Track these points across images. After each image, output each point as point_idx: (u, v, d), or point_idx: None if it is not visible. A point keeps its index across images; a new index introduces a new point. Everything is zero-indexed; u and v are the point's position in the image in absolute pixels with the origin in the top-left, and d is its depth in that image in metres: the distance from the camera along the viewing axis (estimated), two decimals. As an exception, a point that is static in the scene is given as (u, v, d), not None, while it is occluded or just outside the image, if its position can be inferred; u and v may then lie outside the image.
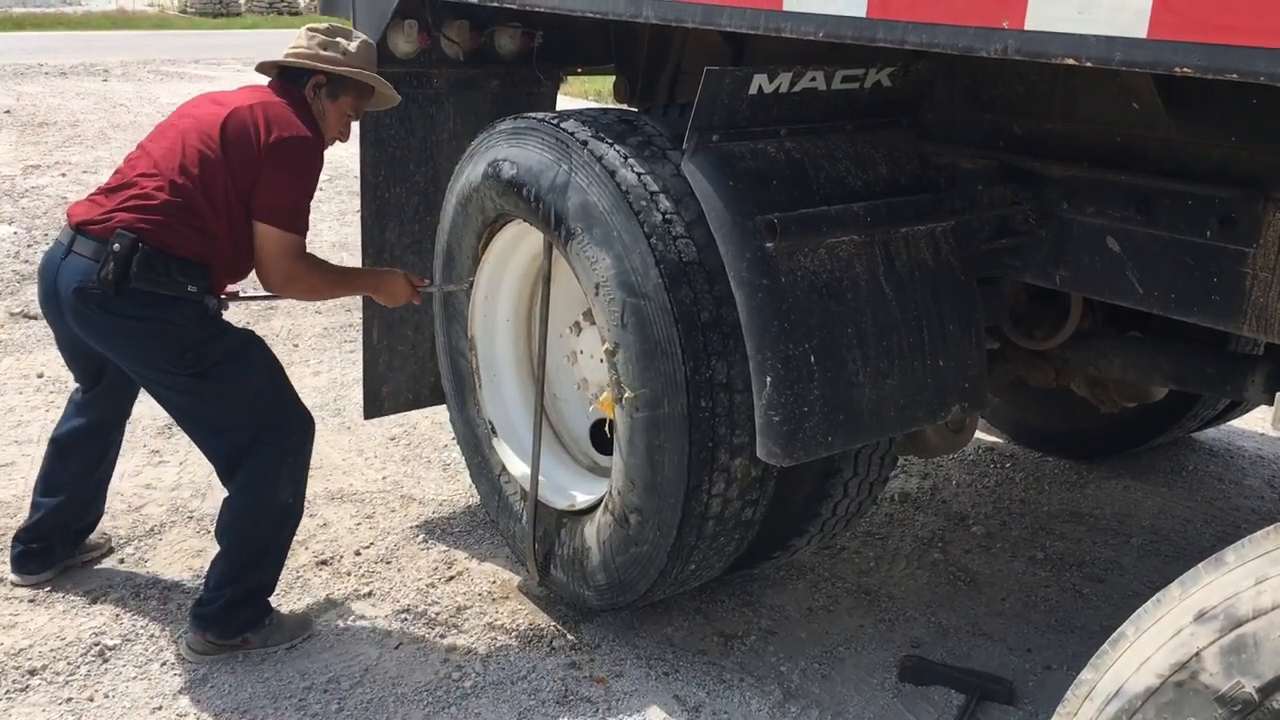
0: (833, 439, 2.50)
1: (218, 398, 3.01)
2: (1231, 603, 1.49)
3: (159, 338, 2.92)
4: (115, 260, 2.83)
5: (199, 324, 2.95)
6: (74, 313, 2.94)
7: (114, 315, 2.90)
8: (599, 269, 2.73)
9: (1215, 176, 2.29)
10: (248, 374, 3.03)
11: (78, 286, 2.88)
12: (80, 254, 2.91)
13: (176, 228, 2.90)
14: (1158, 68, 1.66)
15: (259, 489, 3.05)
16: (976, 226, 2.68)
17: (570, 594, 3.23)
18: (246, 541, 3.08)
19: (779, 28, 2.26)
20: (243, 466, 3.04)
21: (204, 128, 2.97)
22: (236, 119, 2.96)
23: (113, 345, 2.99)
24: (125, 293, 2.85)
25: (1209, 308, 2.29)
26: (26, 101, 12.63)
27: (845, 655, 3.19)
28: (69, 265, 2.92)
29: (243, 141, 2.94)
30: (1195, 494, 4.32)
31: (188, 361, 2.94)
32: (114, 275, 2.83)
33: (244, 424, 3.02)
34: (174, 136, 3.00)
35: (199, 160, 2.92)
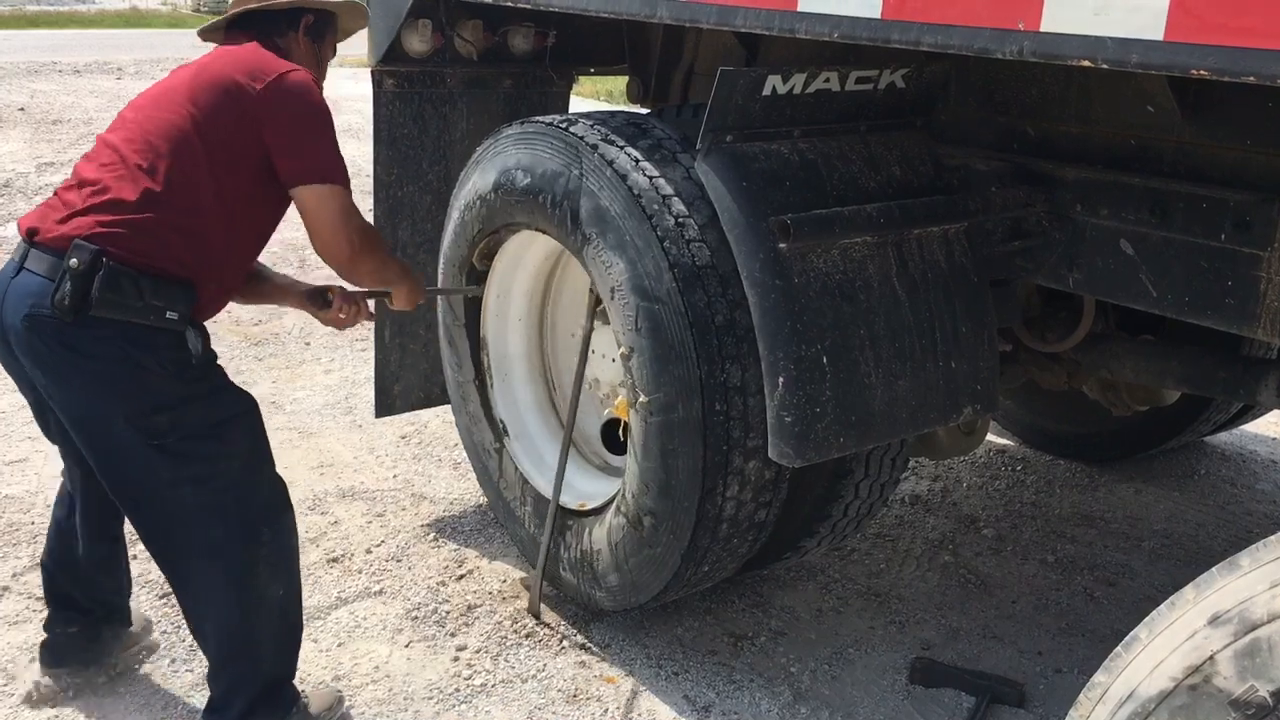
0: (845, 440, 2.50)
1: (175, 482, 2.38)
2: (1246, 606, 1.48)
3: (125, 386, 2.31)
4: (72, 279, 2.24)
5: (179, 373, 2.36)
6: (22, 346, 2.33)
7: (71, 353, 2.30)
8: (613, 273, 2.73)
9: (1230, 180, 2.29)
10: (227, 457, 2.44)
11: (28, 313, 2.30)
12: (33, 272, 2.31)
13: (151, 230, 2.31)
14: (1174, 70, 1.66)
15: (242, 598, 2.50)
16: (990, 228, 2.68)
17: (580, 594, 3.23)
18: (248, 651, 2.56)
19: (793, 28, 2.26)
20: (204, 573, 2.47)
21: (171, 99, 2.40)
22: (209, 72, 2.41)
23: (62, 388, 2.36)
24: (86, 322, 2.27)
25: (1223, 311, 2.29)
26: (40, 99, 12.67)
27: (855, 657, 3.19)
28: (19, 285, 2.33)
29: (230, 93, 2.37)
30: (1207, 498, 4.30)
31: (158, 426, 2.33)
32: (71, 299, 2.24)
33: (202, 522, 2.42)
34: (135, 119, 2.44)
35: (172, 136, 2.35)
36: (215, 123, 2.37)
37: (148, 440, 2.34)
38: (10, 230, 7.35)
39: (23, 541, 3.62)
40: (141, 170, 2.34)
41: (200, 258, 2.39)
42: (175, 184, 2.34)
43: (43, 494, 3.93)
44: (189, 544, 2.45)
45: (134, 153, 2.36)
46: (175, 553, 2.49)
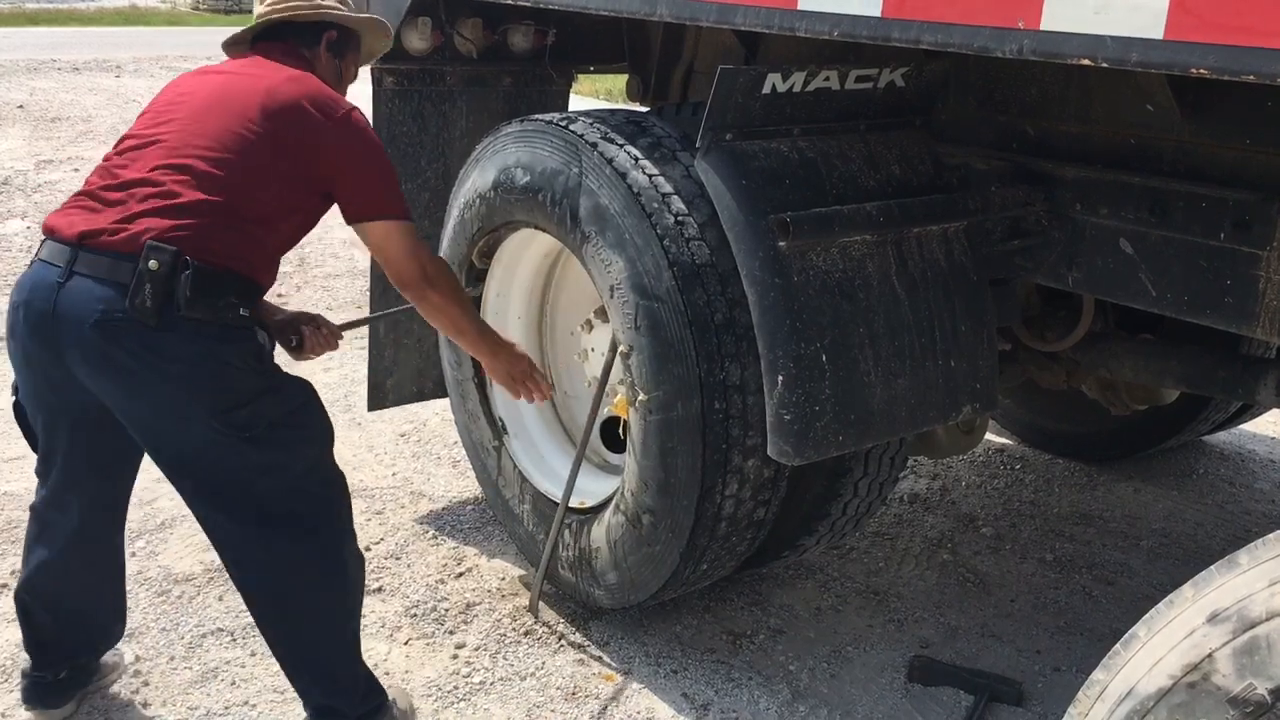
0: (844, 438, 2.50)
1: (266, 470, 2.39)
2: (1244, 604, 1.49)
3: (210, 386, 2.30)
4: (153, 281, 2.20)
5: (256, 368, 2.37)
6: (90, 354, 2.27)
7: (154, 356, 2.25)
8: (613, 272, 2.74)
9: (1229, 179, 2.29)
10: (305, 441, 2.48)
11: (99, 320, 2.22)
12: (91, 276, 2.25)
13: (222, 232, 2.30)
14: (1174, 69, 1.66)
15: (335, 582, 2.53)
16: (989, 227, 2.68)
17: (579, 592, 3.23)
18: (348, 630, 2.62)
19: (793, 27, 2.26)
20: (299, 560, 2.47)
21: (234, 109, 2.39)
22: (281, 95, 2.41)
23: (138, 397, 2.32)
24: (169, 324, 2.24)
25: (1222, 310, 2.29)
26: (40, 97, 12.67)
27: (854, 655, 3.19)
28: (76, 291, 2.25)
29: (299, 121, 2.39)
30: (1206, 497, 4.31)
31: (239, 420, 2.32)
32: (154, 302, 2.21)
33: (291, 504, 2.45)
34: (188, 117, 2.41)
35: (241, 146, 2.35)
36: (284, 142, 2.39)
37: (232, 435, 2.33)
38: (10, 228, 7.35)
39: (22, 538, 3.61)
40: (208, 174, 2.32)
41: (258, 260, 2.42)
42: (243, 190, 2.35)
43: (42, 491, 3.92)
44: (281, 533, 2.45)
45: (196, 157, 2.34)
46: (265, 546, 2.46)
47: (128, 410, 2.36)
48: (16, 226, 7.39)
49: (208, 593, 3.37)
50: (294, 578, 2.50)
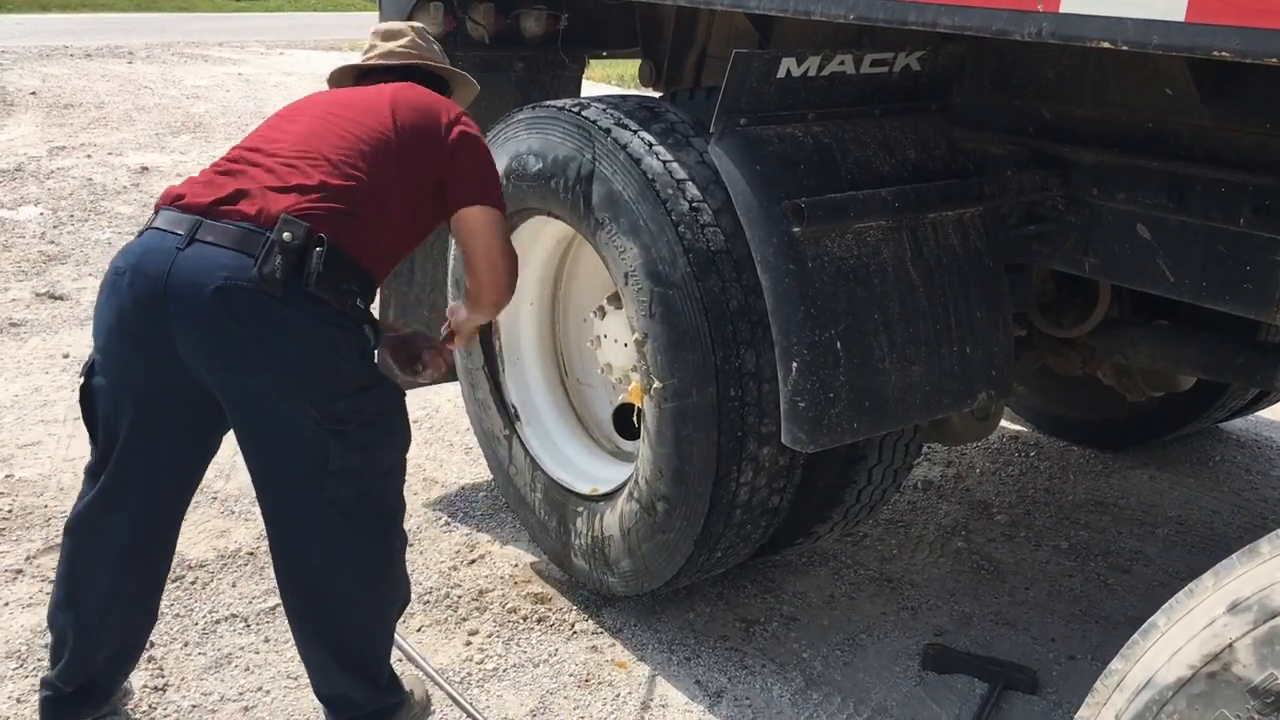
0: (858, 425, 2.49)
1: (344, 467, 2.33)
2: (1266, 594, 1.47)
3: (318, 371, 2.26)
4: (284, 252, 2.18)
5: (361, 363, 2.35)
6: (201, 322, 2.21)
7: (271, 330, 2.21)
8: (627, 258, 2.72)
9: (1249, 163, 2.27)
10: (388, 446, 2.44)
11: (221, 285, 2.17)
12: (216, 243, 2.21)
13: (349, 219, 2.30)
14: (1195, 51, 1.64)
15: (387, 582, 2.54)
16: (1005, 212, 2.66)
17: (592, 579, 3.23)
18: (381, 643, 2.60)
19: (808, 10, 2.24)
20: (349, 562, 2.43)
21: (363, 107, 2.47)
22: (404, 98, 2.51)
23: (243, 371, 2.25)
24: (294, 299, 2.20)
25: (1240, 296, 2.27)
26: (52, 83, 12.69)
27: (867, 643, 3.18)
28: (197, 257, 2.20)
29: (426, 120, 2.48)
30: (1222, 485, 4.28)
31: (337, 412, 2.27)
32: (283, 273, 2.18)
33: (360, 504, 2.40)
34: (316, 117, 2.46)
35: (376, 142, 2.40)
36: (414, 140, 2.45)
37: (324, 425, 2.28)
38: (23, 214, 7.37)
39: (36, 525, 3.63)
40: (344, 165, 2.34)
41: (378, 255, 2.41)
42: (374, 184, 2.36)
43: (55, 477, 3.94)
44: (338, 533, 2.39)
45: (333, 149, 2.36)
46: (319, 543, 2.41)
47: (226, 384, 2.28)
48: (30, 213, 7.41)
49: (221, 579, 3.38)
50: (350, 572, 2.45)
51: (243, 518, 3.74)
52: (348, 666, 2.52)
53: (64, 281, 6.13)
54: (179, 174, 8.80)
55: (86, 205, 7.67)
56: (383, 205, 2.38)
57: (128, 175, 8.60)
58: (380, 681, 2.57)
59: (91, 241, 6.89)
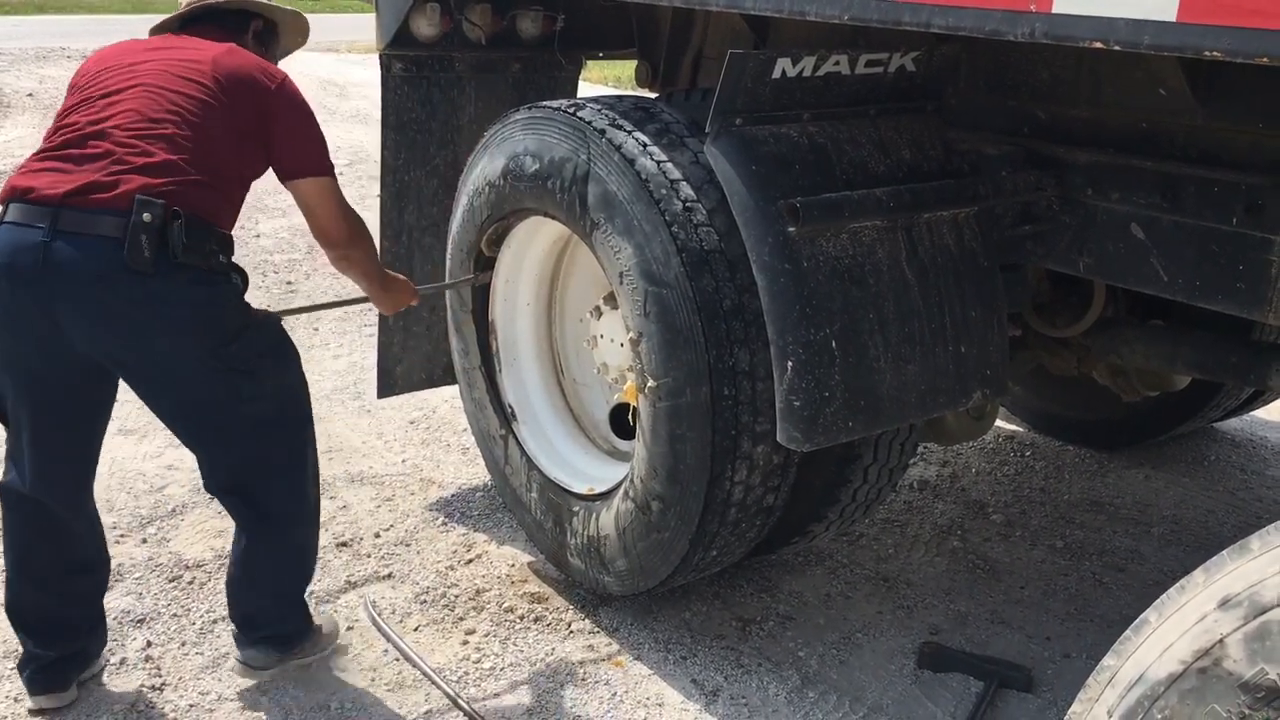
0: (853, 424, 2.50)
1: (255, 397, 2.60)
2: (1256, 589, 1.48)
3: (204, 327, 2.47)
4: (147, 233, 2.34)
5: (240, 307, 2.56)
6: (88, 307, 2.38)
7: (155, 302, 2.39)
8: (622, 258, 2.73)
9: (1242, 163, 2.28)
10: (286, 369, 2.71)
11: (99, 273, 2.34)
12: (80, 233, 2.35)
13: (197, 189, 2.45)
14: (1187, 51, 1.65)
15: (304, 496, 2.81)
16: (1000, 212, 2.67)
17: (588, 579, 3.23)
18: (306, 552, 2.90)
19: (803, 11, 2.26)
20: (279, 477, 2.73)
21: (187, 71, 2.55)
22: (226, 64, 2.59)
23: (139, 343, 2.45)
24: (165, 271, 2.38)
25: (1234, 295, 2.28)
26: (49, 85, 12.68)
27: (863, 641, 3.19)
28: (66, 249, 2.34)
29: (247, 86, 2.57)
30: (1216, 484, 4.29)
31: (231, 354, 2.51)
32: (150, 251, 2.34)
33: (278, 428, 2.70)
34: (145, 85, 2.54)
35: (200, 108, 2.50)
36: (236, 105, 2.56)
37: (224, 368, 2.52)
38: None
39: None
40: (177, 135, 2.47)
41: (229, 215, 2.60)
42: (210, 150, 2.51)
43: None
44: (269, 451, 2.69)
45: (164, 120, 2.48)
46: (253, 463, 2.70)
47: (126, 358, 2.51)
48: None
49: (219, 579, 3.38)
50: (288, 487, 2.76)
51: (240, 518, 3.75)
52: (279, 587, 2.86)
53: None
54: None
55: None
56: (226, 172, 2.55)
57: (125, 176, 8.60)
58: (296, 604, 2.92)
59: (88, 243, 6.88)
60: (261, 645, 2.88)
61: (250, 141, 2.61)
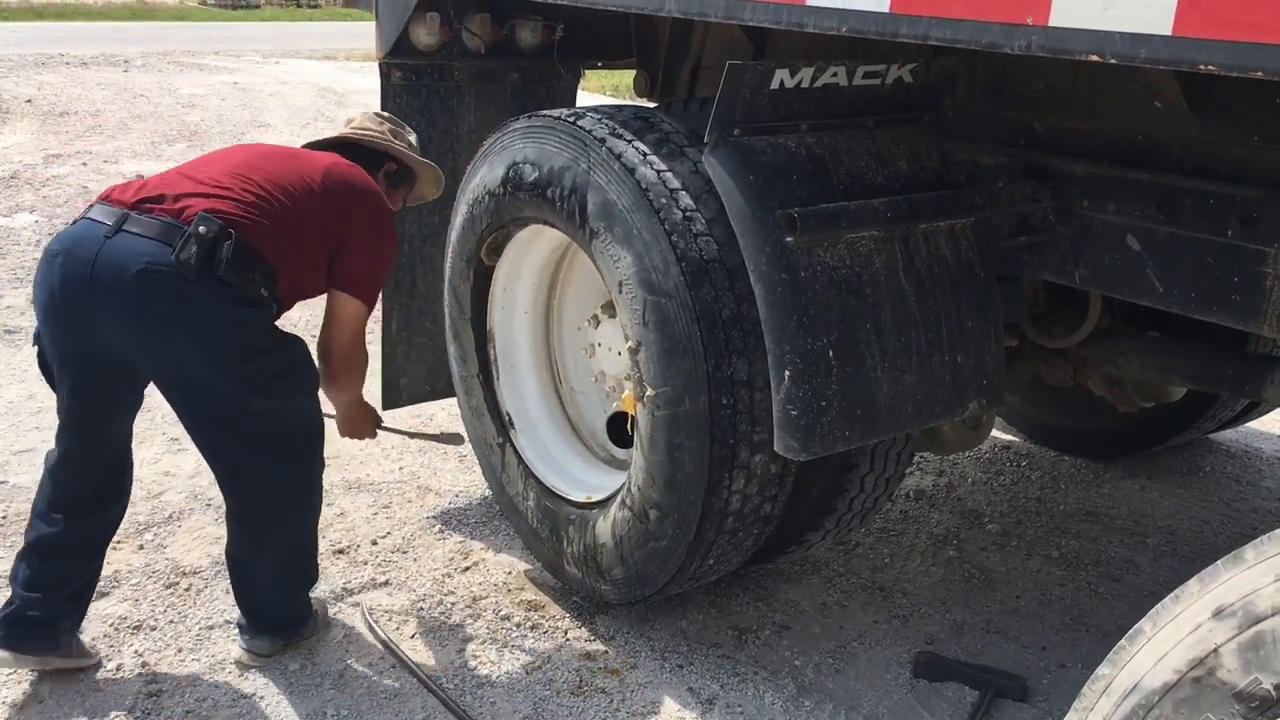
0: (850, 434, 2.50)
1: (264, 412, 2.75)
2: (1250, 599, 1.49)
3: (228, 341, 2.63)
4: (199, 243, 2.53)
5: (266, 330, 2.73)
6: (126, 300, 2.55)
7: (188, 306, 2.56)
8: (621, 267, 2.74)
9: (1237, 175, 2.29)
10: (299, 391, 2.84)
11: (143, 269, 2.52)
12: (139, 234, 2.56)
13: (260, 230, 2.65)
14: (1182, 65, 1.66)
15: (311, 501, 2.97)
16: (996, 223, 2.68)
17: (585, 587, 3.24)
18: (304, 543, 3.03)
19: (801, 22, 2.27)
20: (279, 489, 2.87)
21: (300, 163, 2.85)
22: (342, 169, 2.86)
23: (167, 343, 2.62)
24: (206, 283, 2.56)
25: (1229, 307, 2.29)
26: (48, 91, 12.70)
27: (859, 650, 3.19)
28: (121, 245, 2.55)
29: (346, 192, 2.83)
30: (1212, 495, 4.31)
31: (248, 371, 2.67)
32: (197, 260, 2.53)
33: (282, 444, 2.83)
34: (257, 155, 2.87)
35: (298, 187, 2.75)
36: (330, 199, 2.81)
37: (242, 384, 2.67)
38: (18, 221, 7.37)
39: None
40: (264, 188, 2.72)
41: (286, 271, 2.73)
42: (287, 211, 2.72)
43: (50, 484, 3.94)
44: (270, 464, 2.82)
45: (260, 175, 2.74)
46: (257, 472, 2.83)
47: (152, 356, 2.67)
48: (25, 220, 7.42)
49: (215, 585, 3.39)
50: (282, 497, 2.89)
51: (237, 525, 3.75)
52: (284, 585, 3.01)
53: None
54: (174, 182, 8.81)
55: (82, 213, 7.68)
56: (296, 236, 2.73)
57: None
58: (306, 602, 3.10)
59: (86, 249, 6.89)
60: (265, 635, 3.03)
61: (331, 232, 2.81)
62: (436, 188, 3.34)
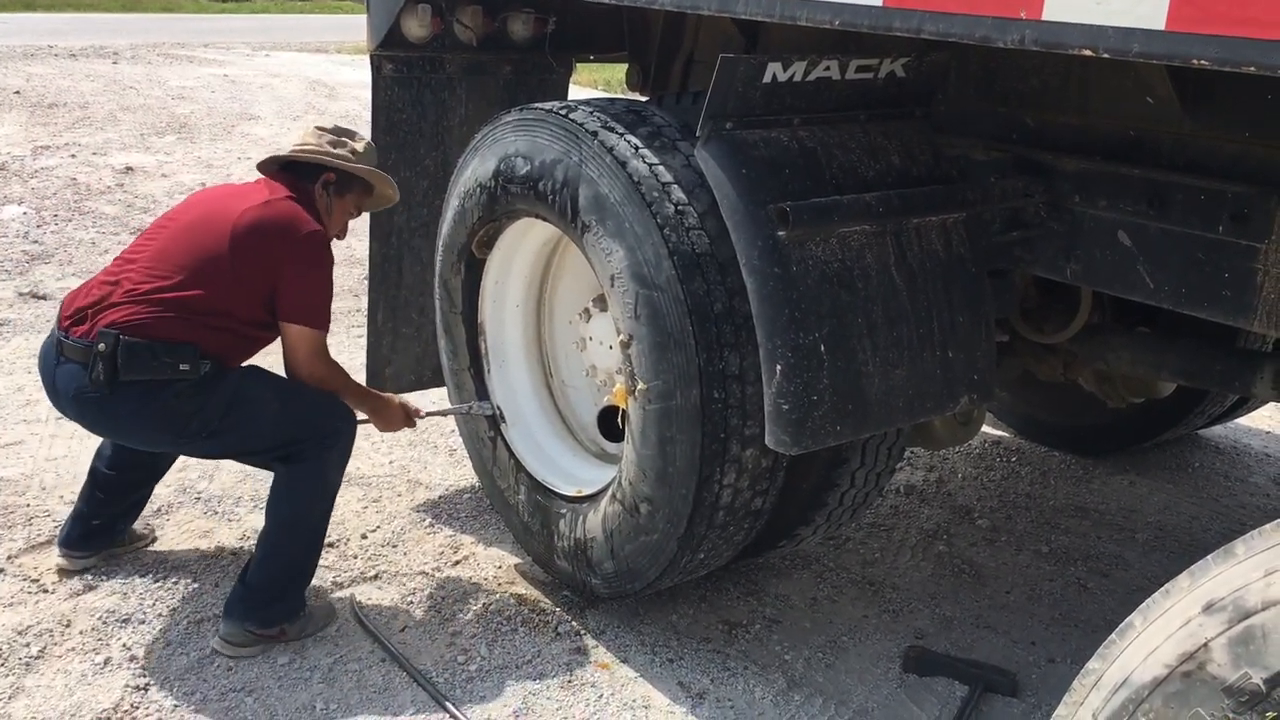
0: (841, 428, 2.50)
1: (243, 439, 3.04)
2: (1240, 594, 1.49)
3: (160, 421, 2.93)
4: (102, 360, 2.84)
5: (194, 395, 2.93)
6: (76, 413, 3.00)
7: (114, 414, 2.93)
8: (613, 261, 2.73)
9: (1228, 171, 2.29)
10: (258, 405, 3.02)
11: (74, 394, 2.92)
12: (70, 359, 2.92)
13: (164, 317, 2.89)
14: (1175, 60, 1.66)
15: (313, 475, 3.07)
16: (988, 218, 2.68)
17: (575, 581, 3.24)
18: (303, 529, 3.11)
19: (795, 16, 2.26)
20: (296, 457, 3.05)
21: (214, 226, 2.98)
22: (249, 220, 2.97)
23: (121, 436, 3.11)
24: (120, 390, 2.87)
25: (1220, 303, 2.29)
26: (36, 83, 12.62)
27: (849, 645, 3.20)
28: (62, 372, 2.95)
29: (254, 246, 2.95)
30: (1201, 490, 4.32)
31: (194, 429, 2.95)
32: (104, 375, 2.84)
33: (283, 438, 3.04)
34: (177, 230, 3.03)
35: (205, 264, 2.93)
36: (247, 259, 2.95)
37: (198, 435, 2.98)
38: (7, 213, 7.34)
39: (18, 524, 3.62)
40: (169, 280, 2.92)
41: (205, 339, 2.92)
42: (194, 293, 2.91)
43: (38, 477, 3.93)
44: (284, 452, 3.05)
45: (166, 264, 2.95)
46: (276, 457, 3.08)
47: (125, 443, 3.19)
48: (13, 212, 7.38)
49: (205, 579, 3.38)
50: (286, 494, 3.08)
51: (225, 518, 3.74)
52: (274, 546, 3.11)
53: (47, 281, 6.11)
54: (163, 174, 8.78)
55: (70, 205, 7.64)
56: (212, 306, 2.93)
57: (112, 175, 8.57)
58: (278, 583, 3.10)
59: (75, 241, 6.87)
60: (235, 617, 3.06)
61: (255, 285, 2.97)
62: (391, 189, 3.38)
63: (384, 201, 3.42)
